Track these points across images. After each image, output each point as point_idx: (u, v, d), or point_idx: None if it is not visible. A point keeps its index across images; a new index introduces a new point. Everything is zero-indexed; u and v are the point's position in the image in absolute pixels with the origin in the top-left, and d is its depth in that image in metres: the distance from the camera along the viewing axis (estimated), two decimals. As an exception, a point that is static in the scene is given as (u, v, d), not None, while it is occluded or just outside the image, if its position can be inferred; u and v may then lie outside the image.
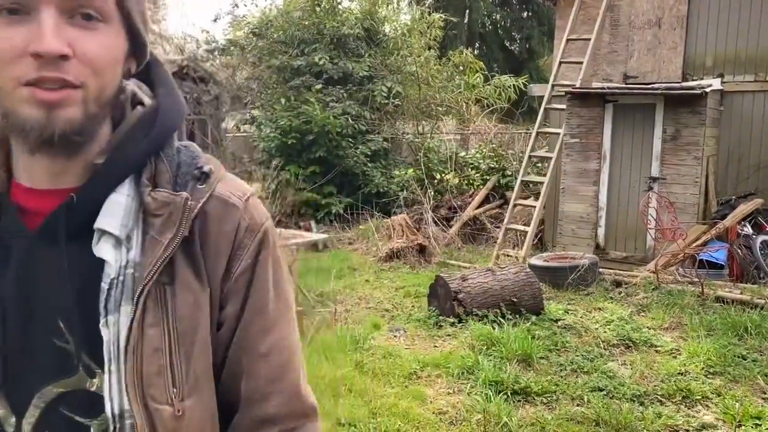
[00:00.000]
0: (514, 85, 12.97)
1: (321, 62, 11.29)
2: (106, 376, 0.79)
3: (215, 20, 12.31)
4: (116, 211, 0.81)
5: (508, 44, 22.46)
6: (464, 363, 4.80)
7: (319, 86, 11.19)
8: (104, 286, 0.80)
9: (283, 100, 11.23)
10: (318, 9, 11.77)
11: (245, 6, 27.42)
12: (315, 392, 0.93)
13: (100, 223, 0.80)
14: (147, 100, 0.89)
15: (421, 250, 8.44)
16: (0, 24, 0.74)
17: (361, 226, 10.00)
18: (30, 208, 0.83)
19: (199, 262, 0.83)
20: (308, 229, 9.81)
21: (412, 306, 6.55)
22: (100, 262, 0.80)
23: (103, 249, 0.80)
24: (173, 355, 0.81)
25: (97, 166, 0.83)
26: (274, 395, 0.87)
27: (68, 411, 0.81)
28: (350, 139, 11.00)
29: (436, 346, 5.39)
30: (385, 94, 11.35)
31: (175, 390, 0.80)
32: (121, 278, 0.80)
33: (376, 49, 12.01)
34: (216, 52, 12.78)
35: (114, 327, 0.79)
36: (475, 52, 17.60)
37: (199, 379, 0.82)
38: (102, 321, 0.79)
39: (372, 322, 5.95)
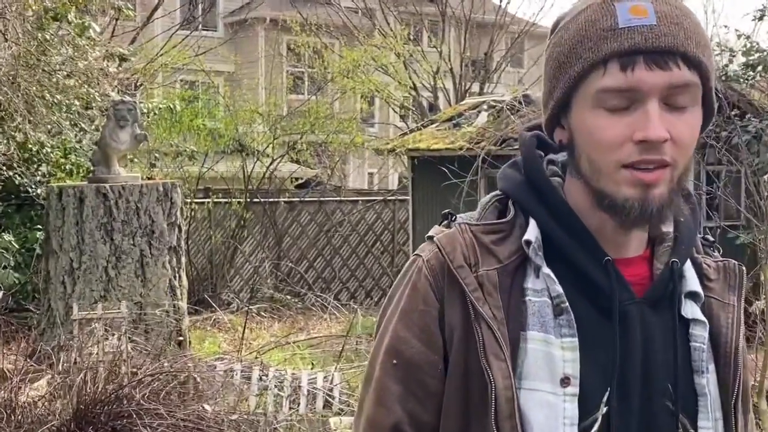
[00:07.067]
0: None
1: None
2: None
3: (760, 17, 7.74)
4: (691, 276, 0.98)
5: None
6: None
7: None
8: (697, 345, 0.95)
9: None
10: None
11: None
12: None
13: (691, 286, 0.96)
14: None
15: None
16: (604, 116, 0.90)
17: None
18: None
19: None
20: None
21: None
22: (685, 323, 0.95)
23: (692, 310, 0.96)
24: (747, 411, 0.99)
25: (661, 238, 0.99)
26: None
27: None
28: None
29: None
30: None
31: None
32: (706, 337, 0.95)
33: None
34: (760, 67, 8.17)
35: (707, 386, 0.94)
36: None
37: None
38: (699, 379, 0.94)
39: None
